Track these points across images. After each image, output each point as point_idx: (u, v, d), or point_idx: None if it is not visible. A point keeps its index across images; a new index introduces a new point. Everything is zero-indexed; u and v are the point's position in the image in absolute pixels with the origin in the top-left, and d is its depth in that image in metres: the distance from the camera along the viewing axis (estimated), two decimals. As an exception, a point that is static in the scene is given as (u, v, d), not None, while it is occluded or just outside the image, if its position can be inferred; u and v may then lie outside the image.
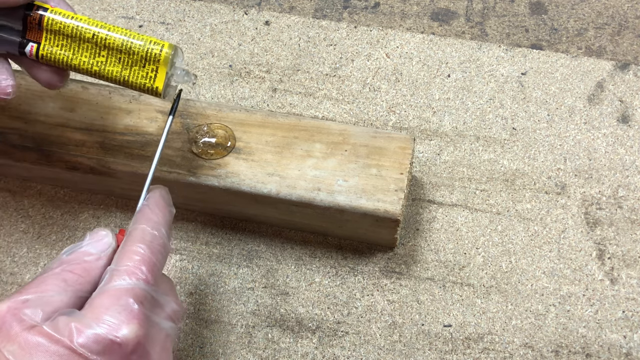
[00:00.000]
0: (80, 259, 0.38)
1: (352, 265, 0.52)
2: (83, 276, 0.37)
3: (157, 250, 0.38)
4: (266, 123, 0.51)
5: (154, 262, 0.37)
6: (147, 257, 0.37)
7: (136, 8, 0.66)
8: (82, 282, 0.37)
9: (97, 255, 0.38)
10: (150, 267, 0.37)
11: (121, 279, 0.36)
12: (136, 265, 0.37)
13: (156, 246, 0.38)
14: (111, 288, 0.36)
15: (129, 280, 0.36)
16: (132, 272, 0.36)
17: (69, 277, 0.37)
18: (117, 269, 0.36)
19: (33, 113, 0.52)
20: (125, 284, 0.36)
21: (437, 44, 0.62)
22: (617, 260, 0.51)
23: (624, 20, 0.64)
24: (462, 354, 0.48)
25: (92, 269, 0.37)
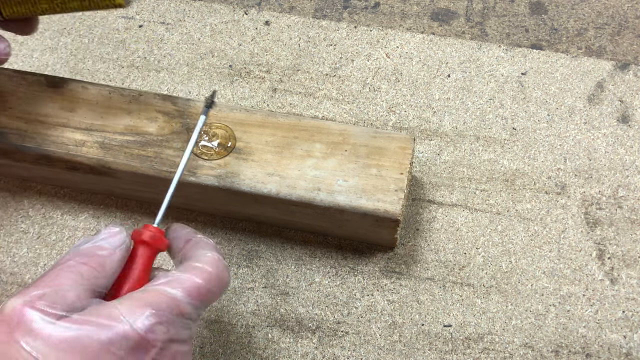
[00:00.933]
0: (94, 253, 0.37)
1: (352, 265, 0.52)
2: (98, 270, 0.36)
3: (222, 278, 0.38)
4: (266, 123, 0.51)
5: (213, 290, 0.37)
6: (212, 280, 0.37)
7: (136, 8, 0.66)
8: (97, 277, 0.36)
9: (111, 249, 0.37)
10: (206, 292, 0.37)
11: (177, 288, 0.36)
12: (195, 285, 0.36)
13: (221, 277, 0.38)
14: (162, 290, 0.35)
15: (182, 294, 0.36)
16: (189, 290, 0.36)
17: (85, 270, 0.35)
18: (177, 278, 0.36)
19: (33, 113, 0.52)
20: (177, 295, 0.35)
21: (437, 44, 0.62)
22: (617, 260, 0.51)
23: (624, 20, 0.64)
24: (462, 354, 0.48)
25: (107, 263, 0.36)
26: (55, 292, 0.34)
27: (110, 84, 0.61)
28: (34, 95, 0.53)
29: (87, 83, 0.54)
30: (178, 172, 0.42)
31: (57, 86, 0.53)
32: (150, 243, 0.39)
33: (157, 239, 0.39)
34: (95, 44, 0.63)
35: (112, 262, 0.37)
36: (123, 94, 0.53)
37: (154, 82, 0.61)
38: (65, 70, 0.62)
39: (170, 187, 0.42)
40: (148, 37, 0.64)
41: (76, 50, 0.63)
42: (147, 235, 0.39)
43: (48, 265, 0.53)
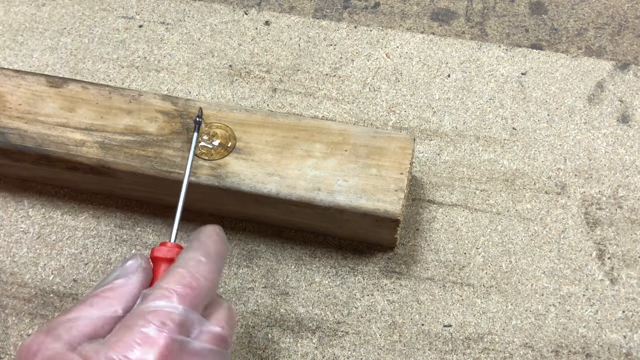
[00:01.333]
0: (106, 282, 0.38)
1: (352, 265, 0.52)
2: (109, 297, 0.36)
3: (202, 275, 0.37)
4: (266, 123, 0.51)
5: (195, 285, 0.36)
6: (186, 281, 0.36)
7: (136, 8, 0.66)
8: (109, 303, 0.36)
9: (124, 276, 0.38)
10: (188, 290, 0.36)
11: (151, 301, 0.35)
12: (170, 287, 0.36)
13: (201, 271, 0.37)
14: (139, 310, 0.35)
15: (158, 302, 0.35)
16: (164, 294, 0.35)
17: (95, 300, 0.36)
18: (149, 292, 0.36)
19: (33, 113, 0.52)
20: (153, 306, 0.35)
21: (437, 44, 0.62)
22: (617, 260, 0.51)
23: (624, 20, 0.64)
24: (462, 354, 0.48)
25: (119, 286, 0.37)
26: (62, 325, 0.35)
27: (110, 84, 0.61)
28: (34, 95, 0.53)
29: (87, 83, 0.54)
30: (183, 189, 0.43)
31: (57, 86, 0.53)
32: (165, 259, 0.39)
33: (169, 252, 0.40)
34: (95, 44, 0.63)
35: (125, 285, 0.37)
36: (123, 94, 0.53)
37: (154, 82, 0.61)
38: (65, 70, 0.62)
39: (178, 203, 0.42)
40: (148, 37, 0.64)
41: (76, 50, 0.63)
42: (161, 252, 0.39)
43: (48, 265, 0.53)
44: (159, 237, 0.53)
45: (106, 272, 0.52)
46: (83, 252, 0.53)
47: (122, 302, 0.37)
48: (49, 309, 0.51)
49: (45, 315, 0.51)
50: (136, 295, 0.37)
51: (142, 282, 0.38)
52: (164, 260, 0.39)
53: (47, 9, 0.66)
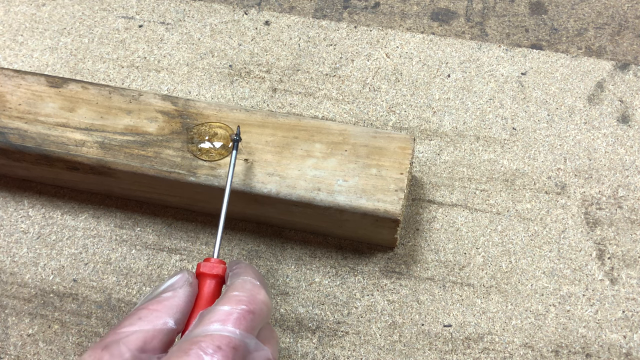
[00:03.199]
0: (154, 296, 0.38)
1: (352, 265, 0.52)
2: (158, 309, 0.36)
3: (257, 300, 0.36)
4: (266, 123, 0.51)
5: (252, 309, 0.36)
6: (243, 303, 0.35)
7: (136, 8, 0.66)
8: (158, 315, 0.36)
9: (171, 289, 0.38)
10: (244, 314, 0.35)
11: (209, 324, 0.34)
12: (229, 311, 0.35)
13: (257, 295, 0.36)
14: (195, 333, 0.34)
15: (216, 326, 0.34)
16: (221, 317, 0.35)
17: (143, 313, 0.36)
18: (206, 314, 0.35)
19: (33, 113, 0.52)
20: (210, 330, 0.34)
21: (437, 44, 0.62)
22: (617, 260, 0.51)
23: (624, 20, 0.64)
24: (462, 354, 0.48)
25: (166, 299, 0.37)
26: (116, 342, 0.35)
27: (110, 84, 0.61)
28: (34, 95, 0.53)
29: (87, 83, 0.54)
30: (224, 204, 0.44)
31: (57, 86, 0.53)
32: (210, 275, 0.40)
33: (214, 267, 0.40)
34: (95, 44, 0.63)
35: (173, 298, 0.37)
36: (123, 94, 0.53)
37: (154, 82, 0.61)
38: (65, 70, 0.62)
39: (220, 218, 0.43)
40: (148, 37, 0.64)
41: (76, 50, 0.63)
42: (206, 268, 0.40)
43: (48, 265, 0.53)
44: (159, 237, 0.54)
45: (106, 272, 0.52)
46: (83, 252, 0.53)
47: (170, 314, 0.36)
48: (49, 309, 0.51)
49: (45, 315, 0.51)
50: (184, 309, 0.37)
51: (189, 296, 0.38)
52: (209, 277, 0.40)
53: (47, 9, 0.66)
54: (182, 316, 0.37)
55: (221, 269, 0.40)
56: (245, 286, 0.37)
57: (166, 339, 0.36)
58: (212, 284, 0.39)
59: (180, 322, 0.37)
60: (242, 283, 0.37)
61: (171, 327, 0.36)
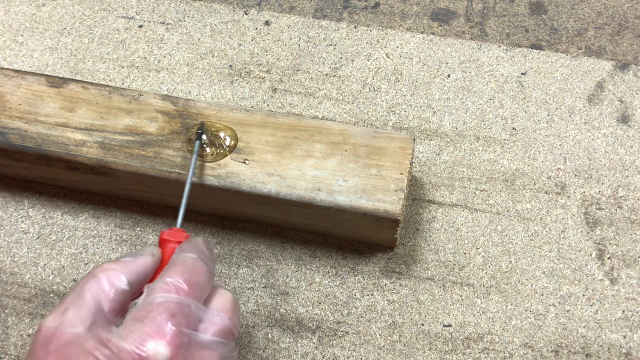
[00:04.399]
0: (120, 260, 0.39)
1: (352, 265, 0.52)
2: (114, 268, 0.38)
3: (199, 271, 0.38)
4: (266, 123, 0.51)
5: (194, 279, 0.38)
6: (187, 273, 0.37)
7: (136, 8, 0.66)
8: (114, 274, 0.38)
9: (132, 255, 0.39)
10: (190, 282, 0.37)
11: (155, 294, 0.36)
12: (173, 280, 0.37)
13: (198, 268, 0.38)
14: (147, 302, 0.36)
15: (162, 294, 0.36)
16: (167, 287, 0.36)
17: (99, 271, 0.38)
18: (153, 286, 0.37)
19: (33, 113, 0.52)
20: (158, 298, 0.36)
21: (437, 44, 0.62)
22: (617, 260, 0.51)
23: (623, 20, 0.64)
24: (462, 354, 0.48)
25: (125, 261, 0.39)
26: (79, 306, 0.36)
27: (110, 84, 0.61)
28: (34, 95, 0.53)
29: (87, 83, 0.54)
30: (189, 175, 0.46)
31: (57, 86, 0.53)
32: (173, 241, 0.41)
33: (179, 235, 0.42)
34: (95, 44, 0.63)
35: (134, 263, 0.39)
36: (123, 94, 0.53)
37: (154, 82, 0.61)
38: (65, 70, 0.62)
39: (184, 191, 0.45)
40: (148, 37, 0.64)
41: (76, 50, 0.63)
42: (170, 235, 0.42)
43: (48, 265, 0.53)
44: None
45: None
46: (83, 252, 0.53)
47: (126, 274, 0.38)
48: (49, 309, 0.51)
49: (45, 315, 0.51)
50: (141, 274, 0.39)
51: (149, 264, 0.39)
52: (172, 242, 0.41)
53: (47, 9, 0.66)
54: (137, 279, 0.38)
55: (183, 236, 0.42)
56: (187, 260, 0.39)
57: (120, 299, 0.37)
58: (172, 249, 0.41)
59: (135, 286, 0.38)
60: (183, 257, 0.39)
61: (124, 288, 0.37)
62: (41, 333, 0.35)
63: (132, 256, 0.39)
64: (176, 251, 0.40)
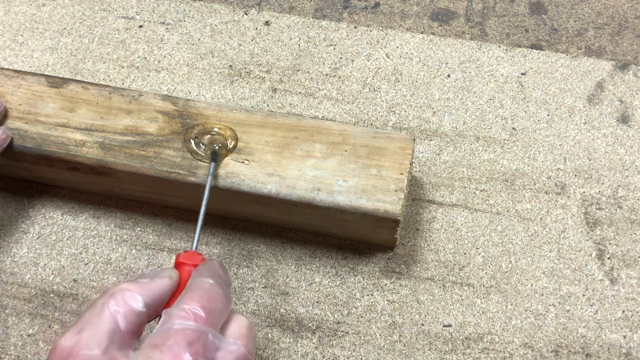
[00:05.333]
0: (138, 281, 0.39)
1: (352, 265, 0.52)
2: (131, 289, 0.37)
3: (216, 297, 0.38)
4: (266, 123, 0.51)
5: (212, 306, 0.37)
6: (204, 299, 0.37)
7: (136, 8, 0.66)
8: (131, 295, 0.37)
9: (149, 276, 0.39)
10: (208, 309, 0.37)
11: (173, 321, 0.36)
12: (190, 307, 0.37)
13: (215, 294, 0.38)
14: (163, 330, 0.36)
15: (180, 321, 0.36)
16: (185, 314, 0.36)
17: (115, 291, 0.37)
18: (170, 312, 0.37)
19: (33, 113, 0.52)
20: (175, 325, 0.36)
21: (437, 44, 0.62)
22: (617, 260, 0.51)
23: (623, 20, 0.64)
24: (462, 354, 0.48)
25: (142, 282, 0.38)
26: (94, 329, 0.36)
27: (110, 84, 0.61)
28: (34, 96, 0.53)
29: (87, 83, 0.54)
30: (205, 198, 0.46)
31: (57, 86, 0.53)
32: (189, 264, 0.41)
33: (194, 258, 0.41)
34: (95, 44, 0.63)
35: (152, 285, 0.38)
36: (123, 94, 0.53)
37: (154, 82, 0.61)
38: (65, 70, 0.62)
39: (200, 212, 0.45)
40: (148, 37, 0.64)
41: (76, 50, 0.63)
42: (182, 257, 0.42)
43: (48, 265, 0.53)
44: (159, 237, 0.54)
45: (107, 272, 0.52)
46: (83, 252, 0.53)
47: (143, 295, 0.37)
48: (49, 309, 0.51)
49: (45, 315, 0.51)
50: (158, 296, 0.38)
51: (166, 287, 0.39)
52: (189, 265, 0.41)
53: (47, 9, 0.66)
54: (153, 302, 0.38)
55: (199, 259, 0.41)
56: (204, 285, 0.38)
57: (136, 321, 0.37)
58: (188, 273, 0.41)
59: (151, 308, 0.38)
60: (200, 282, 0.39)
61: (140, 310, 0.37)
62: (56, 353, 0.35)
63: (149, 277, 0.39)
64: (193, 275, 0.40)
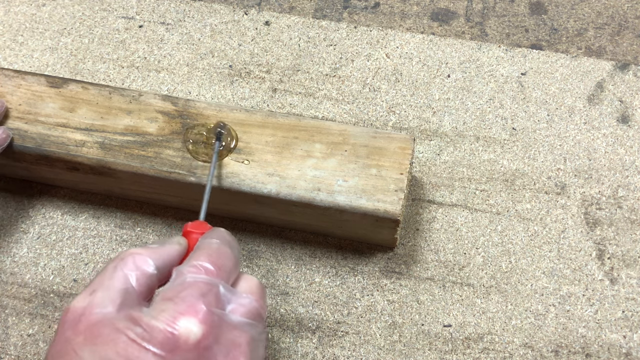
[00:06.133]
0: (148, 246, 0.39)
1: (352, 265, 0.52)
2: (142, 253, 0.38)
3: (225, 255, 0.38)
4: (266, 123, 0.51)
5: (221, 263, 0.38)
6: (214, 256, 0.38)
7: (136, 8, 0.66)
8: (141, 258, 0.37)
9: (159, 242, 0.40)
10: (217, 264, 0.37)
11: (185, 275, 0.36)
12: (201, 262, 0.37)
13: (224, 252, 0.39)
14: (177, 282, 0.36)
15: (192, 275, 0.36)
16: (196, 269, 0.37)
17: (126, 254, 0.38)
18: (181, 269, 0.37)
19: (33, 113, 0.52)
20: (188, 278, 0.36)
21: (437, 44, 0.62)
22: (617, 260, 0.51)
23: (623, 20, 0.64)
24: (462, 354, 0.48)
25: (152, 247, 0.39)
26: (107, 288, 0.36)
27: (110, 84, 0.61)
28: (34, 96, 0.53)
29: (87, 83, 0.54)
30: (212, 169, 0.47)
31: (57, 86, 0.53)
32: (193, 231, 0.42)
33: (202, 227, 0.42)
34: (95, 44, 0.63)
35: (162, 249, 0.39)
36: (123, 94, 0.53)
37: (154, 82, 0.61)
38: (65, 70, 0.62)
39: (207, 186, 0.46)
40: (148, 37, 0.64)
41: (76, 50, 0.63)
42: (190, 226, 0.42)
43: (48, 265, 0.53)
44: (159, 237, 0.54)
45: (106, 272, 0.52)
46: (83, 252, 0.53)
47: (154, 258, 0.38)
48: (49, 309, 0.51)
49: (45, 315, 0.51)
50: (167, 260, 0.38)
51: (176, 252, 0.39)
52: (196, 234, 0.41)
53: (47, 9, 0.66)
54: (163, 265, 0.38)
55: (207, 228, 0.42)
56: (212, 245, 0.39)
57: (147, 283, 0.37)
58: (195, 240, 0.41)
59: (162, 272, 0.38)
60: (208, 243, 0.39)
61: (152, 272, 0.37)
62: (69, 313, 0.35)
63: (159, 244, 0.39)
64: (200, 239, 0.40)
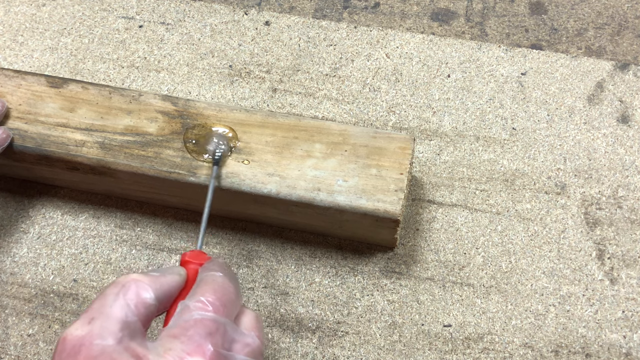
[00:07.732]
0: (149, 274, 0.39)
1: (352, 265, 0.52)
2: (142, 280, 0.37)
3: (229, 290, 0.38)
4: (266, 123, 0.51)
5: (227, 298, 0.37)
6: (219, 292, 0.37)
7: (136, 8, 0.66)
8: (142, 285, 0.37)
9: (160, 271, 0.39)
10: (223, 301, 0.37)
11: (192, 312, 0.36)
12: (207, 297, 0.37)
13: (227, 287, 0.38)
14: (181, 321, 0.36)
15: (199, 312, 0.36)
16: (203, 305, 0.36)
17: (126, 280, 0.37)
18: (187, 303, 0.37)
19: (33, 113, 0.52)
20: (195, 315, 0.36)
21: (437, 44, 0.62)
22: (617, 260, 0.51)
23: (623, 20, 0.64)
24: (462, 354, 0.48)
25: (153, 275, 0.38)
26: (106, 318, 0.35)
27: (110, 84, 0.61)
28: (34, 96, 0.53)
29: (87, 83, 0.54)
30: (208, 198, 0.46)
31: (57, 86, 0.53)
32: (191, 261, 0.41)
33: (199, 257, 0.41)
34: (95, 44, 0.63)
35: (162, 279, 0.38)
36: (123, 94, 0.53)
37: (154, 82, 0.61)
38: (65, 70, 0.62)
39: (203, 216, 0.45)
40: (148, 37, 0.64)
41: (76, 50, 0.63)
42: (188, 255, 0.42)
43: (48, 265, 0.53)
44: (159, 237, 0.54)
45: (107, 272, 0.52)
46: (83, 252, 0.53)
47: (154, 288, 0.37)
48: (49, 309, 0.51)
49: (45, 315, 0.51)
50: (167, 291, 0.38)
51: (176, 283, 0.39)
52: (194, 264, 0.41)
53: (47, 9, 0.66)
54: (162, 296, 0.37)
55: (205, 258, 0.41)
56: (216, 278, 0.38)
57: (146, 313, 0.36)
58: (194, 271, 0.41)
59: (161, 302, 0.37)
60: (212, 277, 0.39)
61: (151, 302, 0.36)
62: (67, 342, 0.34)
63: (159, 272, 0.39)
64: (202, 270, 0.40)
